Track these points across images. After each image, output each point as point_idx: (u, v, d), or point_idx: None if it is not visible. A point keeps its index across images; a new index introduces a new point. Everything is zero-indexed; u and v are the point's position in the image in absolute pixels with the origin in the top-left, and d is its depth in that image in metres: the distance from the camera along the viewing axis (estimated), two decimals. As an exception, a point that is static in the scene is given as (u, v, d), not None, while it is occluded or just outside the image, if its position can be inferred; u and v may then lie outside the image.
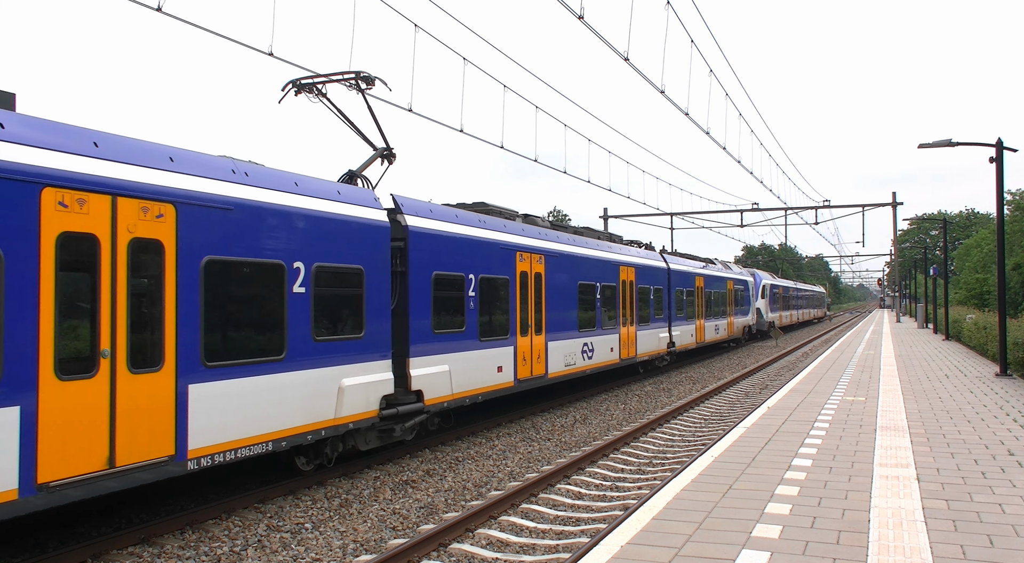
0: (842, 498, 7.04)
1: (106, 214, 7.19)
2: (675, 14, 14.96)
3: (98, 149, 7.31)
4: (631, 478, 11.20)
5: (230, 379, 8.38)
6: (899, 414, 12.02)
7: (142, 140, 7.99)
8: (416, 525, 8.86)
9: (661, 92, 16.11)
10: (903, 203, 43.47)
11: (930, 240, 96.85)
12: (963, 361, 22.21)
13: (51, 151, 6.85)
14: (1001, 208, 17.90)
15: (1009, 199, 53.86)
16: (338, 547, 8.05)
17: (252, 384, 8.66)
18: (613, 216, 45.07)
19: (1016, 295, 43.99)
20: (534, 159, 21.18)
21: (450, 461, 11.95)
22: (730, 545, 5.72)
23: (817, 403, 13.36)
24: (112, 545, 7.70)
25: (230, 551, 7.84)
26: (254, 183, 8.95)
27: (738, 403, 18.47)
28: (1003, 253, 18.25)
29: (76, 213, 6.93)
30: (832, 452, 9.13)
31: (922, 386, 15.84)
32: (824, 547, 5.66)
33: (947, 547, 5.64)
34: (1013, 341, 17.62)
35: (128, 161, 7.55)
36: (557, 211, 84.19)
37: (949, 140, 17.64)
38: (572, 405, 18.11)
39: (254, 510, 9.18)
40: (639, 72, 14.74)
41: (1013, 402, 13.32)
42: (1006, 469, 8.18)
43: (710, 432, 14.59)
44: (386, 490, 10.23)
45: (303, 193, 9.67)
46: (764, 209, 42.22)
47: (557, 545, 8.05)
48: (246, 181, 8.85)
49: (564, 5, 11.77)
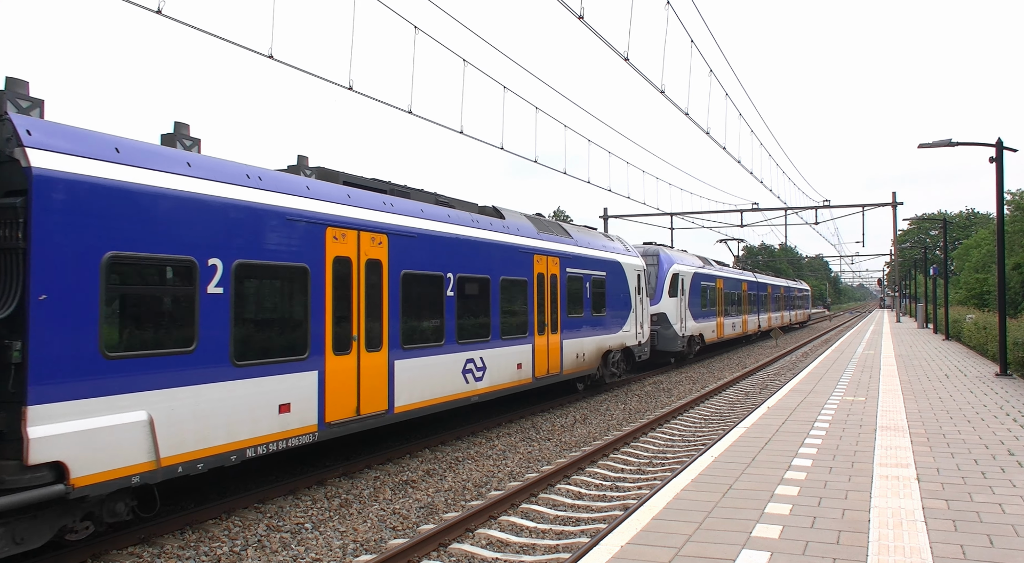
0: (842, 498, 7.04)
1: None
2: (675, 14, 14.95)
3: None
4: (631, 478, 11.20)
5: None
6: (899, 414, 12.01)
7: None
8: (416, 525, 8.86)
9: (661, 92, 16.10)
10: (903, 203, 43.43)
11: (930, 240, 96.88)
12: (963, 361, 22.21)
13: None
14: (1001, 208, 17.90)
15: (1009, 199, 53.84)
16: (338, 547, 8.06)
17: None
18: (613, 216, 45.06)
19: (1016, 295, 44.00)
20: (534, 160, 21.16)
21: (450, 461, 11.95)
22: (730, 545, 5.72)
23: (817, 403, 13.36)
24: (112, 545, 7.70)
25: (230, 551, 7.84)
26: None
27: (738, 403, 18.46)
28: (1003, 253, 18.25)
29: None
30: (832, 452, 9.13)
31: (922, 386, 15.84)
32: (824, 547, 5.67)
33: (947, 547, 5.64)
34: (1013, 341, 17.61)
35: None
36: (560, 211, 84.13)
37: (949, 140, 17.64)
38: (572, 405, 18.11)
39: (254, 510, 9.18)
40: (639, 72, 14.74)
41: (1013, 402, 13.32)
42: (1006, 469, 8.18)
43: (710, 432, 14.59)
44: (386, 490, 10.23)
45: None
46: (764, 209, 42.19)
47: (557, 545, 8.05)
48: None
49: (564, 5, 11.78)
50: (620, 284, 20.61)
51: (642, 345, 22.36)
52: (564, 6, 11.78)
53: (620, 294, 20.56)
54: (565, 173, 24.36)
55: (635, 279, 21.68)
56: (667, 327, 26.63)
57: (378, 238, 11.29)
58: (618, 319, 20.32)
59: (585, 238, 19.16)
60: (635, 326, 21.63)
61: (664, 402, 19.03)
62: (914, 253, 77.89)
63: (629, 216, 44.41)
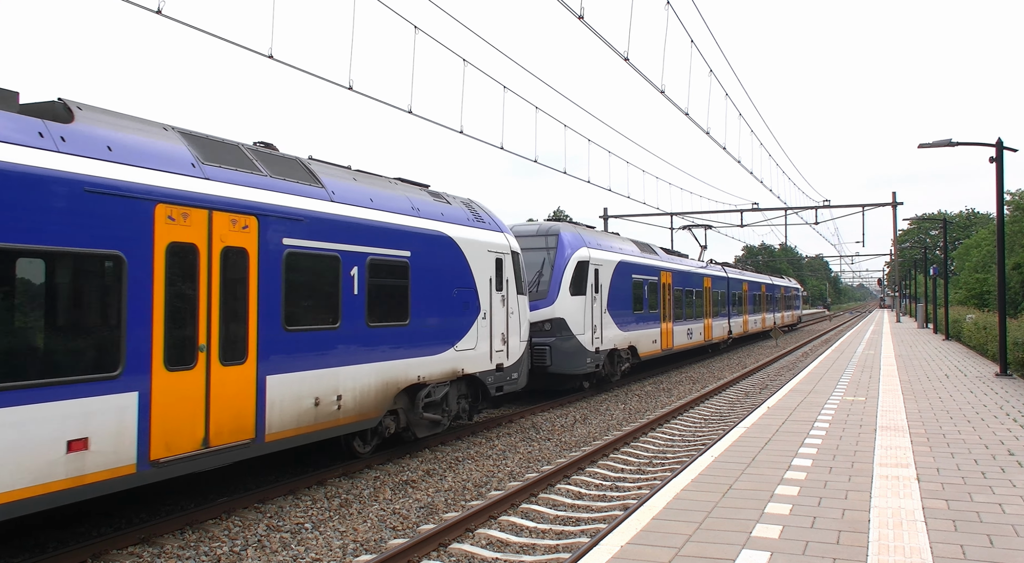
0: (842, 498, 7.04)
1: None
2: (675, 14, 14.96)
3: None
4: (631, 478, 11.20)
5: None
6: (899, 414, 12.02)
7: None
8: (416, 525, 8.86)
9: (661, 92, 16.11)
10: (903, 203, 43.45)
11: (930, 240, 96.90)
12: (963, 361, 22.21)
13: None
14: (1001, 208, 17.91)
15: (1009, 199, 53.86)
16: (338, 547, 8.06)
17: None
18: (613, 216, 45.07)
19: (1016, 295, 44.02)
20: (534, 159, 21.17)
21: (450, 461, 11.95)
22: (730, 545, 5.72)
23: (817, 403, 13.36)
24: (112, 545, 7.70)
25: (230, 551, 7.84)
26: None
27: (738, 403, 18.47)
28: (1003, 253, 18.26)
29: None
30: (832, 452, 9.13)
31: (922, 386, 15.84)
32: (824, 547, 5.66)
33: (947, 547, 5.64)
34: (1013, 341, 17.62)
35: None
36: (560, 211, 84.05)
37: (949, 140, 17.65)
38: (572, 405, 18.11)
39: (254, 510, 9.18)
40: (639, 72, 14.74)
41: (1013, 402, 13.32)
42: (1006, 469, 8.18)
43: (710, 432, 14.60)
44: (386, 490, 10.23)
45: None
46: (764, 209, 42.20)
47: (557, 545, 8.05)
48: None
49: (564, 5, 11.78)
50: (449, 273, 12.75)
51: (505, 370, 14.30)
52: (564, 6, 11.78)
53: (449, 289, 12.70)
54: (565, 173, 24.37)
55: (490, 266, 13.92)
56: (566, 338, 18.09)
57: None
58: (444, 331, 12.53)
59: (361, 190, 11.25)
60: (489, 341, 13.74)
61: (664, 402, 19.04)
62: (914, 253, 77.92)
63: (629, 216, 44.42)
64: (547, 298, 18.28)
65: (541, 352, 17.78)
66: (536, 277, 18.45)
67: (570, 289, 18.52)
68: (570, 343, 18.24)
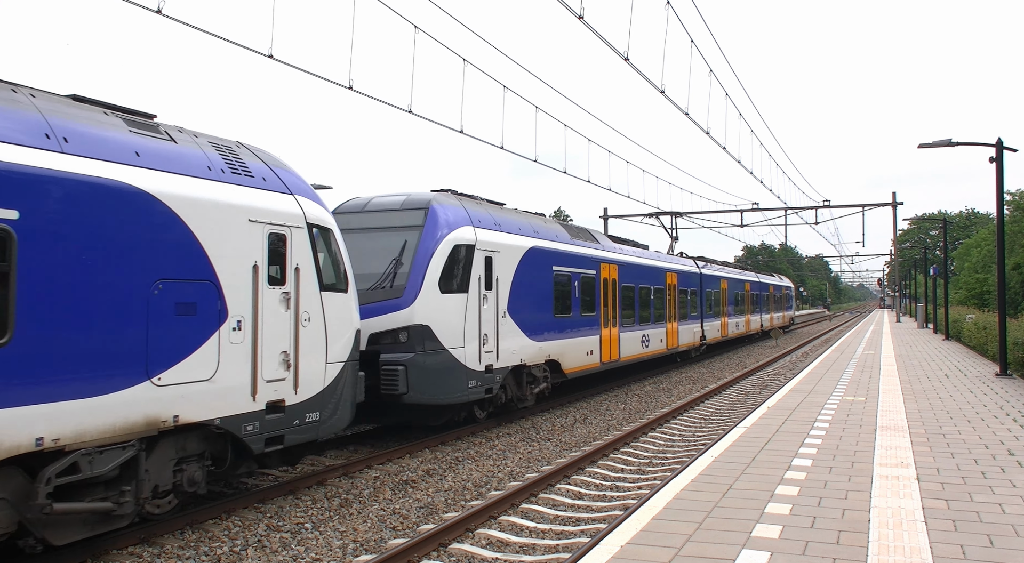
0: (842, 498, 7.04)
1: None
2: (675, 14, 14.97)
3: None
4: (631, 478, 11.20)
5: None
6: (899, 414, 12.02)
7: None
8: (416, 525, 8.87)
9: (661, 92, 16.11)
10: (903, 203, 43.52)
11: (930, 240, 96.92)
12: (963, 361, 22.21)
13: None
14: (1001, 208, 17.92)
15: (1009, 199, 53.89)
16: (338, 547, 8.06)
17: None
18: (613, 216, 45.08)
19: (1016, 295, 44.03)
20: (534, 159, 21.17)
21: (450, 461, 11.95)
22: (730, 545, 5.72)
23: (817, 403, 13.36)
24: (112, 545, 7.70)
25: (230, 551, 7.84)
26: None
27: (738, 403, 18.47)
28: (1003, 253, 18.26)
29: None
30: (832, 452, 9.13)
31: (922, 386, 15.84)
32: (824, 547, 5.66)
33: (947, 547, 5.64)
34: (1013, 341, 17.62)
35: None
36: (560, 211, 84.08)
37: (949, 140, 17.65)
38: (572, 405, 18.11)
39: (254, 510, 9.18)
40: (639, 72, 14.74)
41: (1013, 402, 13.32)
42: (1006, 469, 8.18)
43: (710, 432, 14.60)
44: (386, 490, 10.23)
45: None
46: (764, 209, 42.24)
47: (557, 545, 8.05)
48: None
49: (564, 5, 11.78)
50: (142, 253, 7.47)
51: (290, 409, 9.21)
52: (564, 6, 11.78)
53: (140, 280, 7.42)
54: (565, 172, 24.37)
55: (256, 246, 8.80)
56: (431, 352, 12.82)
57: None
58: (119, 353, 7.19)
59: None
60: (251, 364, 8.64)
61: (664, 402, 19.03)
62: (914, 253, 77.95)
63: (629, 216, 44.43)
64: (403, 297, 12.85)
65: (392, 375, 12.43)
66: (391, 268, 13.17)
67: (439, 284, 13.12)
68: (437, 359, 12.88)
